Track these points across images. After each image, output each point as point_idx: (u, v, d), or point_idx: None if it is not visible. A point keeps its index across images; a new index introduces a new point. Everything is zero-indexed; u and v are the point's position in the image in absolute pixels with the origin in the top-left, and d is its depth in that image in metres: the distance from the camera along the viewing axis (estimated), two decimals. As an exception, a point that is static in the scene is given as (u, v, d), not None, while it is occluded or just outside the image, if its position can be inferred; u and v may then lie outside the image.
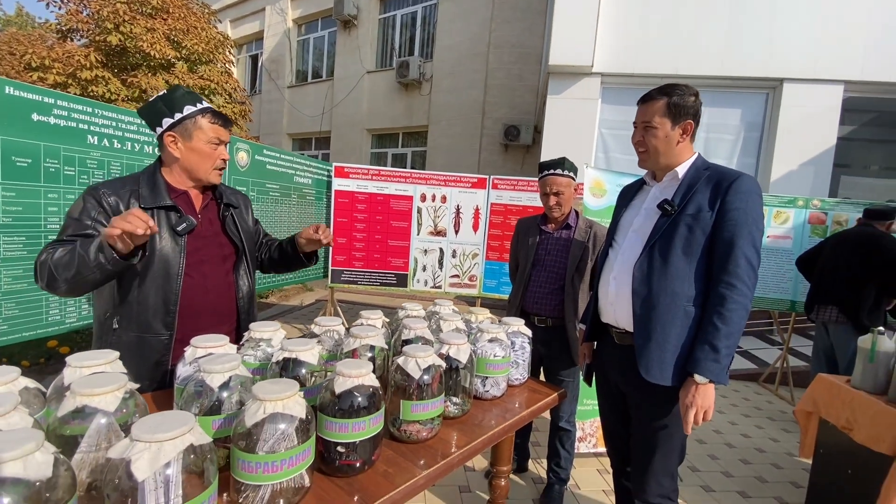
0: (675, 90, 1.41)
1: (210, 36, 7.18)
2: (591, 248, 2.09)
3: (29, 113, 1.88)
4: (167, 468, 0.66)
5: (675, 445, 1.46)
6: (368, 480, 0.97)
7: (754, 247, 1.33)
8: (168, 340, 1.36)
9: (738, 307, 1.30)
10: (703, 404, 1.32)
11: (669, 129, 1.42)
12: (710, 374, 1.30)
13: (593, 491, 2.40)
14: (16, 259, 1.90)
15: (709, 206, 1.37)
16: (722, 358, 1.30)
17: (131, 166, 2.30)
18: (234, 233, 1.55)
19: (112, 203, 1.32)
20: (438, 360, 1.18)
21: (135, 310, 1.34)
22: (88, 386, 0.80)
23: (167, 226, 1.37)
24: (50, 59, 6.36)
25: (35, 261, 1.26)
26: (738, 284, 1.30)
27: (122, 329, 1.33)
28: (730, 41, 5.16)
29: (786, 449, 3.09)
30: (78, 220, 1.29)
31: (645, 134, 1.45)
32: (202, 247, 1.44)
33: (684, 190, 1.42)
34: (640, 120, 1.48)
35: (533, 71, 8.54)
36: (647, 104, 1.44)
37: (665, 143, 1.43)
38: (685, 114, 1.41)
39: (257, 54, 13.20)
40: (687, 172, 1.45)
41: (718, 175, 1.39)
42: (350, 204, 4.10)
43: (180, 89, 1.41)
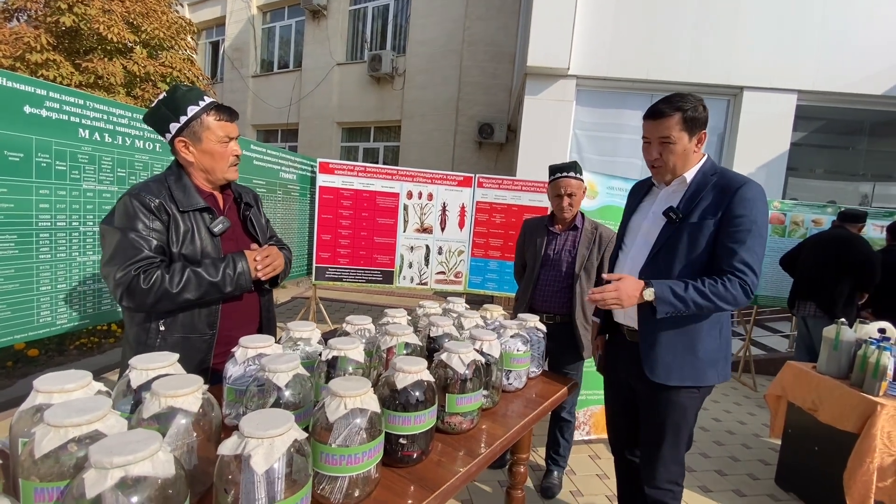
0: (685, 103, 1.41)
1: (171, 20, 6.84)
2: (596, 249, 2.18)
3: (21, 105, 1.77)
4: (277, 462, 0.69)
5: (682, 437, 1.53)
6: (426, 469, 1.02)
7: (756, 254, 1.37)
8: (210, 340, 1.38)
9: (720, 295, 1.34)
10: (621, 297, 1.36)
11: (687, 141, 1.43)
12: (660, 293, 1.35)
13: (587, 475, 2.54)
14: (7, 258, 1.79)
15: (713, 213, 1.39)
16: (677, 301, 1.35)
17: (122, 161, 2.20)
18: (253, 232, 1.55)
19: (157, 206, 1.31)
20: (478, 356, 1.24)
21: (181, 311, 1.34)
22: (169, 388, 0.81)
23: (204, 227, 1.37)
24: (-5, 41, 5.89)
25: (118, 279, 1.24)
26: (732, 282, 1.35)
27: (167, 331, 1.33)
28: (696, 50, 5.46)
29: (752, 430, 3.37)
30: (136, 231, 1.27)
31: (663, 150, 1.45)
32: (231, 246, 1.44)
33: (690, 195, 1.45)
34: (655, 136, 1.46)
35: (506, 70, 8.67)
36: (661, 120, 1.43)
37: (683, 156, 1.45)
38: (700, 125, 1.43)
39: (218, 41, 12.65)
40: (694, 178, 1.47)
41: (725, 181, 1.42)
42: (335, 200, 4.07)
43: (179, 88, 1.39)
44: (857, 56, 5.38)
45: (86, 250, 2.09)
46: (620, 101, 5.96)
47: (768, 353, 5.08)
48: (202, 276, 1.30)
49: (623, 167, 5.78)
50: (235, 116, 1.45)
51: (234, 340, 1.42)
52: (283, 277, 1.61)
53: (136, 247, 1.26)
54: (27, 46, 5.67)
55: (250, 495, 0.68)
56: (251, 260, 1.41)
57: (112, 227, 1.29)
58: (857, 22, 5.35)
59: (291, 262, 1.66)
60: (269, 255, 1.46)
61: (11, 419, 0.80)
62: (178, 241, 1.34)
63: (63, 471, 0.68)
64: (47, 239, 1.93)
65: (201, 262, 1.33)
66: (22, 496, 0.68)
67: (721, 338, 1.50)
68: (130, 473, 0.59)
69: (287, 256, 1.61)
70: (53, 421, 0.67)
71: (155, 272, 1.26)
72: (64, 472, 0.68)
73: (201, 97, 1.38)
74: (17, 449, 0.76)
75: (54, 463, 0.67)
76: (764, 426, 3.44)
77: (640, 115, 5.61)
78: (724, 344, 1.52)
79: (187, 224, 1.36)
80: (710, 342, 1.47)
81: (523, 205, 4.21)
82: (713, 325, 1.48)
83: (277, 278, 1.57)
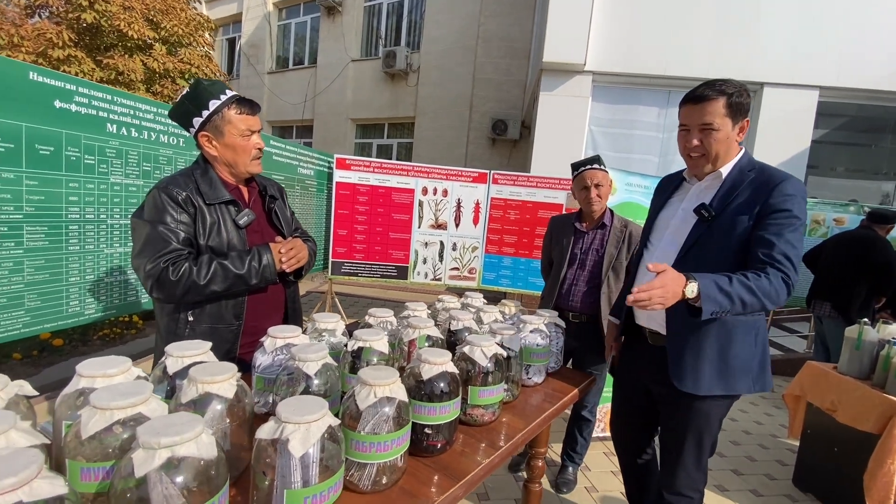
0: (730, 87, 1.30)
1: (189, 17, 6.92)
2: (626, 247, 2.12)
3: (52, 100, 1.82)
4: (312, 448, 0.71)
5: (706, 444, 1.44)
6: (450, 459, 1.04)
7: (797, 250, 1.26)
8: (237, 330, 1.41)
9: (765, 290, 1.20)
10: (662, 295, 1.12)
11: (730, 129, 1.32)
12: (705, 289, 1.16)
13: (602, 472, 2.54)
14: (38, 249, 1.85)
15: (749, 210, 1.29)
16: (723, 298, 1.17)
17: (147, 156, 2.25)
18: (278, 224, 1.58)
19: (184, 199, 1.34)
20: (500, 349, 1.25)
21: (209, 302, 1.37)
22: (205, 374, 0.83)
23: (230, 219, 1.40)
24: (19, 37, 6.03)
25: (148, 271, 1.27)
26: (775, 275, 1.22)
27: (195, 321, 1.37)
28: (715, 44, 5.37)
29: (769, 431, 3.33)
30: (165, 224, 1.31)
31: (704, 137, 1.33)
32: (257, 239, 1.47)
33: (725, 192, 1.35)
34: (695, 122, 1.34)
35: (521, 66, 8.62)
36: (703, 104, 1.31)
37: (725, 144, 1.33)
38: (743, 112, 1.32)
39: (234, 38, 12.77)
40: (730, 173, 1.36)
41: (763, 177, 1.31)
42: (351, 196, 4.10)
43: (201, 83, 1.40)
44: (881, 51, 5.24)
45: (112, 242, 2.14)
46: (637, 98, 5.90)
47: (785, 354, 5.01)
48: (228, 268, 1.33)
49: (638, 164, 5.73)
50: (257, 109, 1.46)
51: (261, 331, 1.45)
52: (307, 269, 1.62)
53: (165, 239, 1.30)
54: (49, 42, 5.79)
55: (286, 478, 0.70)
56: (276, 252, 1.43)
57: (142, 219, 1.32)
58: (881, 16, 5.21)
59: (316, 254, 1.68)
60: (293, 247, 1.48)
61: (54, 403, 0.83)
62: (205, 233, 1.37)
63: (108, 452, 0.70)
64: (76, 231, 1.99)
65: (227, 255, 1.36)
66: (69, 475, 0.71)
67: (757, 343, 1.38)
68: (176, 454, 0.61)
69: (311, 248, 1.63)
70: (99, 403, 0.70)
71: (183, 264, 1.29)
72: (109, 453, 0.70)
73: (223, 91, 1.40)
74: (61, 431, 0.78)
75: (99, 444, 0.70)
76: (781, 427, 3.39)
77: (656, 111, 5.52)
78: (761, 350, 1.40)
79: (213, 216, 1.38)
80: (744, 348, 1.36)
81: (538, 201, 4.20)
82: (748, 328, 1.36)
83: (302, 270, 1.59)
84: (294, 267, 1.50)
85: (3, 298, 1.79)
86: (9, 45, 5.87)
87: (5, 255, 1.78)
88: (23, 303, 1.84)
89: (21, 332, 1.87)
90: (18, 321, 1.85)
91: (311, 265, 1.66)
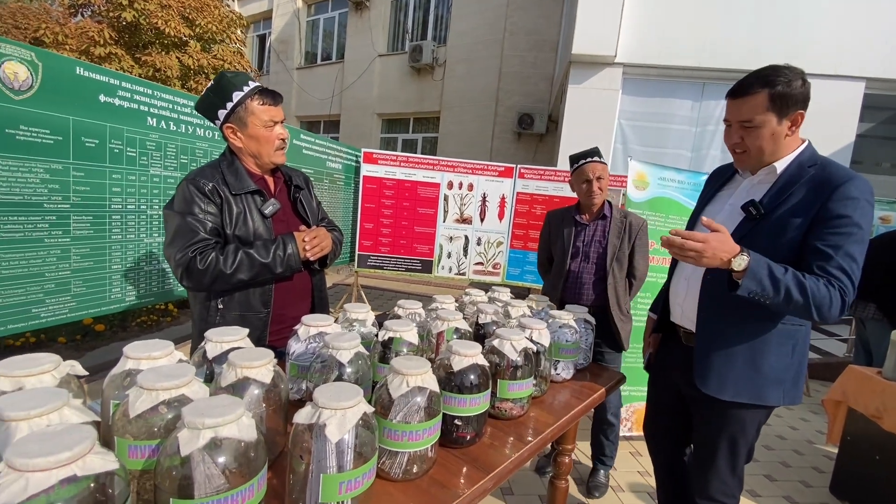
0: (777, 77, 1.17)
1: (222, 14, 7.09)
2: (627, 237, 2.13)
3: (97, 94, 1.91)
4: (348, 434, 0.72)
5: (740, 450, 1.38)
6: (479, 451, 1.04)
7: (857, 263, 1.15)
8: (266, 318, 1.44)
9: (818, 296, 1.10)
10: (709, 255, 1.10)
11: (775, 124, 1.20)
12: (755, 266, 1.10)
13: (629, 472, 2.50)
14: (84, 238, 1.95)
15: (804, 212, 1.18)
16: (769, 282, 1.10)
17: (185, 149, 2.33)
18: (303, 213, 1.60)
19: (210, 189, 1.38)
20: (529, 344, 1.24)
21: (237, 290, 1.41)
22: (244, 359, 0.86)
23: (255, 209, 1.43)
24: (63, 35, 6.30)
25: (178, 260, 1.32)
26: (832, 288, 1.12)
27: (225, 309, 1.41)
28: (754, 34, 5.16)
29: (805, 436, 3.20)
30: (193, 214, 1.35)
31: (745, 134, 1.24)
32: (282, 228, 1.50)
33: (778, 189, 1.24)
34: (735, 118, 1.25)
35: (548, 59, 8.49)
36: (743, 98, 1.22)
37: (771, 141, 1.22)
38: (794, 103, 1.18)
39: (265, 34, 13.02)
40: (787, 169, 1.24)
41: (824, 175, 1.18)
42: (378, 190, 4.13)
43: (225, 76, 1.43)
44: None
45: (152, 232, 2.23)
46: (670, 90, 5.72)
47: (824, 358, 4.80)
48: (254, 257, 1.36)
49: (671, 158, 5.57)
50: (279, 100, 1.48)
51: (289, 318, 1.49)
52: (332, 258, 1.64)
53: (193, 229, 1.34)
54: (91, 41, 6.03)
55: (322, 463, 0.71)
56: (300, 241, 1.45)
57: (172, 211, 1.37)
58: (938, 1, 4.90)
59: (342, 244, 1.70)
60: (316, 235, 1.50)
61: (96, 386, 0.87)
62: (232, 223, 1.40)
63: (153, 431, 0.73)
64: (118, 221, 2.08)
65: (253, 244, 1.39)
66: (117, 452, 0.74)
67: (794, 355, 1.30)
68: (219, 435, 0.63)
69: (337, 238, 1.65)
70: (146, 384, 0.72)
71: (210, 254, 1.33)
72: (154, 432, 0.73)
73: (246, 82, 1.42)
74: (109, 410, 0.82)
75: (145, 423, 0.73)
76: (818, 433, 3.26)
77: (690, 104, 5.37)
78: (797, 362, 1.31)
79: (240, 206, 1.42)
80: (778, 358, 1.28)
81: (565, 196, 4.14)
82: (785, 338, 1.28)
83: (326, 259, 1.60)
84: (318, 255, 1.52)
85: (52, 284, 1.89)
86: (54, 43, 6.13)
87: (54, 242, 1.87)
88: (69, 289, 1.93)
89: (67, 316, 1.97)
90: (65, 306, 1.95)
91: (337, 254, 1.67)
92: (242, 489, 0.64)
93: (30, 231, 1.80)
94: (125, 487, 0.58)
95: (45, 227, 1.84)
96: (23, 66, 1.71)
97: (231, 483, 0.63)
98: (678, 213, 2.72)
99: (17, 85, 1.70)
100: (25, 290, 1.81)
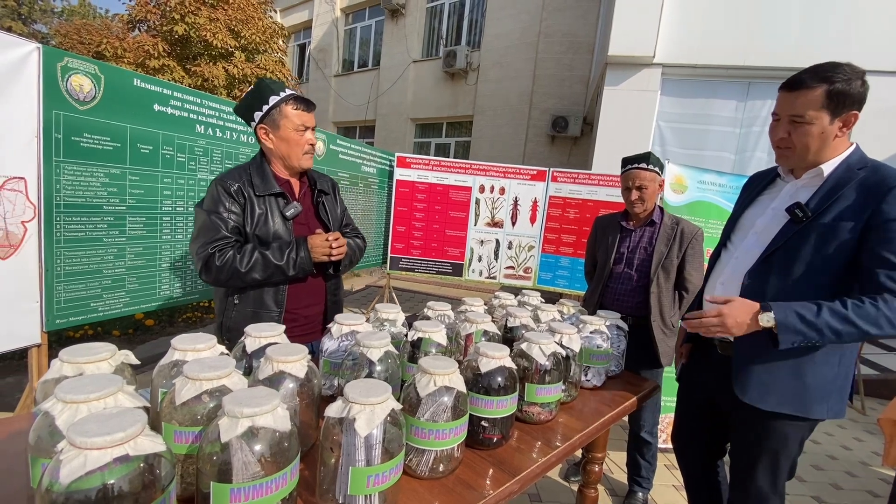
0: (836, 74, 1.13)
1: (266, 25, 7.40)
2: (677, 246, 2.01)
3: (152, 103, 2.05)
4: (376, 429, 0.74)
5: (781, 465, 1.32)
6: (505, 454, 1.04)
7: None
8: (277, 316, 1.50)
9: (869, 317, 1.07)
10: (730, 325, 1.14)
11: (827, 123, 1.16)
12: (783, 319, 1.10)
13: (663, 485, 2.42)
14: (137, 238, 2.09)
15: (854, 216, 1.13)
16: (807, 328, 1.09)
17: (230, 154, 2.45)
18: (325, 217, 1.65)
19: (235, 190, 1.45)
20: (559, 348, 1.24)
21: (252, 288, 1.48)
22: (280, 354, 0.90)
23: (277, 211, 1.49)
24: (122, 49, 6.75)
25: (199, 255, 1.41)
26: (888, 302, 1.07)
27: (241, 304, 1.48)
28: (806, 28, 4.89)
29: (859, 458, 3.00)
30: (217, 213, 1.43)
31: (793, 130, 1.19)
32: (303, 230, 1.56)
33: (826, 193, 1.19)
34: (785, 112, 1.20)
35: (584, 61, 8.36)
36: (798, 92, 1.17)
37: (820, 140, 1.18)
38: (850, 104, 1.14)
39: (305, 43, 13.47)
40: (835, 171, 1.20)
41: (876, 178, 1.13)
42: (410, 193, 4.19)
43: (264, 82, 1.50)
44: None
45: (198, 233, 2.36)
46: (712, 90, 5.50)
47: (882, 374, 4.47)
48: (268, 258, 1.43)
49: (711, 161, 5.35)
50: (312, 108, 1.54)
51: (301, 318, 1.55)
52: (348, 265, 1.68)
53: (216, 227, 1.42)
54: (147, 53, 6.44)
55: (351, 456, 0.74)
56: (322, 241, 1.50)
57: (201, 208, 1.46)
58: None
59: (363, 251, 1.74)
60: (338, 238, 1.53)
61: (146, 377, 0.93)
62: (253, 222, 1.47)
63: (196, 418, 0.78)
64: (168, 222, 2.22)
65: (270, 245, 1.45)
66: (164, 436, 0.79)
67: (840, 366, 1.25)
68: (256, 424, 0.67)
69: (357, 245, 1.69)
70: (191, 374, 0.77)
71: (228, 252, 1.40)
72: (197, 419, 0.78)
73: (282, 89, 1.50)
74: (157, 397, 0.88)
75: (189, 411, 0.78)
76: (874, 454, 3.04)
77: (734, 104, 5.15)
78: (844, 374, 1.26)
79: (262, 208, 1.49)
80: (824, 369, 1.23)
81: (600, 200, 4.06)
82: (832, 348, 1.23)
83: (340, 264, 1.64)
84: (337, 257, 1.55)
85: (109, 280, 2.03)
86: (114, 57, 6.59)
87: (111, 242, 2.02)
88: (124, 285, 2.08)
89: (122, 310, 2.11)
90: (120, 301, 2.09)
91: (355, 261, 1.71)
92: (276, 477, 0.67)
93: (90, 231, 1.95)
94: (171, 469, 0.63)
95: (103, 227, 1.99)
96: (87, 79, 1.86)
97: (266, 471, 0.66)
98: (719, 218, 2.62)
99: (83, 96, 1.85)
100: (86, 286, 1.96)
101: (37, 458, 0.66)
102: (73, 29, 9.69)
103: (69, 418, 0.65)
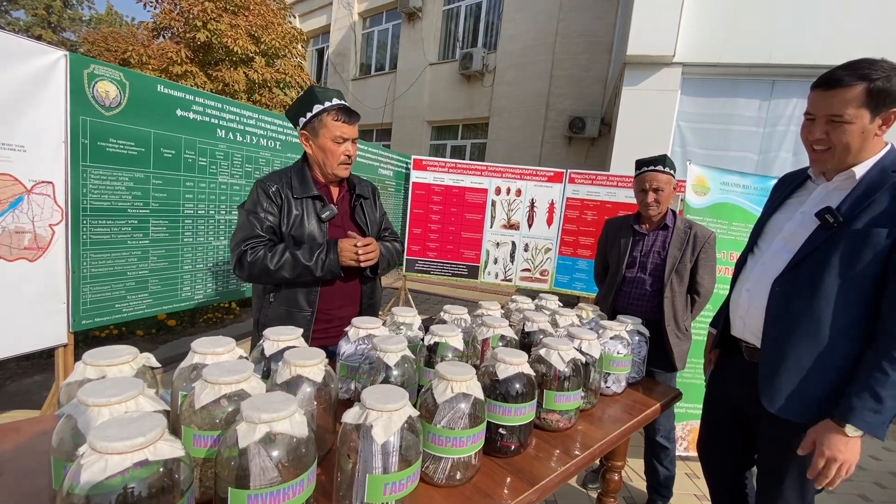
0: (874, 70, 1.08)
1: (285, 31, 7.51)
2: (690, 250, 1.98)
3: (174, 109, 2.09)
4: (393, 436, 0.73)
5: None
6: (524, 462, 1.02)
7: None
8: (310, 317, 1.52)
9: None
10: (847, 458, 1.09)
11: (867, 121, 1.11)
12: (867, 427, 1.07)
13: (685, 494, 2.35)
14: (161, 240, 2.14)
15: (890, 222, 1.08)
16: (885, 410, 1.06)
17: (250, 157, 2.49)
18: (361, 221, 1.66)
19: (274, 192, 1.49)
20: (578, 354, 1.21)
21: (287, 287, 1.51)
22: (298, 358, 0.90)
23: (314, 213, 1.51)
24: (146, 56, 6.93)
25: (234, 251, 1.47)
26: None
27: (276, 303, 1.52)
28: (834, 24, 4.74)
29: (889, 468, 2.87)
30: (255, 213, 1.48)
31: (831, 129, 1.14)
32: (339, 233, 1.57)
33: (858, 196, 1.14)
34: (823, 111, 1.15)
35: (602, 61, 8.26)
36: (836, 90, 1.11)
37: (860, 139, 1.12)
38: (891, 101, 1.09)
39: (323, 48, 13.65)
40: (868, 173, 1.15)
41: None
42: (426, 196, 4.19)
43: (313, 89, 1.53)
44: None
45: (219, 235, 2.41)
46: (734, 90, 5.38)
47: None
48: (298, 258, 1.46)
49: (734, 162, 5.22)
50: (355, 120, 1.56)
51: (335, 320, 1.56)
52: (384, 268, 1.69)
53: (252, 226, 1.47)
54: (170, 60, 6.59)
55: (368, 463, 0.73)
56: (350, 246, 1.52)
57: (243, 208, 1.51)
58: None
59: (400, 255, 1.76)
60: (369, 243, 1.55)
61: (168, 376, 0.94)
62: (289, 223, 1.51)
63: (215, 422, 0.78)
64: (190, 225, 2.26)
65: (302, 246, 1.49)
66: (183, 440, 0.80)
67: None
68: (273, 429, 0.67)
69: (393, 248, 1.71)
70: (210, 378, 0.78)
71: (260, 250, 1.45)
72: (216, 423, 0.78)
73: (330, 98, 1.52)
74: (178, 400, 0.89)
75: (208, 415, 0.78)
76: (910, 466, 2.92)
77: (757, 104, 5.01)
78: None
79: (298, 209, 1.52)
80: None
81: (618, 201, 4.00)
82: None
83: (377, 267, 1.65)
84: (368, 264, 1.56)
85: (132, 282, 2.08)
86: (138, 64, 6.77)
87: (135, 244, 2.06)
88: (147, 286, 2.12)
89: (145, 311, 2.16)
90: (143, 302, 2.14)
91: (392, 264, 1.73)
92: (293, 483, 0.67)
93: (115, 233, 2.00)
94: (189, 474, 0.63)
95: (128, 230, 2.04)
96: (113, 86, 1.91)
97: (283, 476, 0.66)
98: (743, 220, 2.54)
99: (108, 102, 1.90)
100: (111, 287, 2.01)
101: (59, 461, 0.67)
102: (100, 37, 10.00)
103: (91, 421, 0.66)
